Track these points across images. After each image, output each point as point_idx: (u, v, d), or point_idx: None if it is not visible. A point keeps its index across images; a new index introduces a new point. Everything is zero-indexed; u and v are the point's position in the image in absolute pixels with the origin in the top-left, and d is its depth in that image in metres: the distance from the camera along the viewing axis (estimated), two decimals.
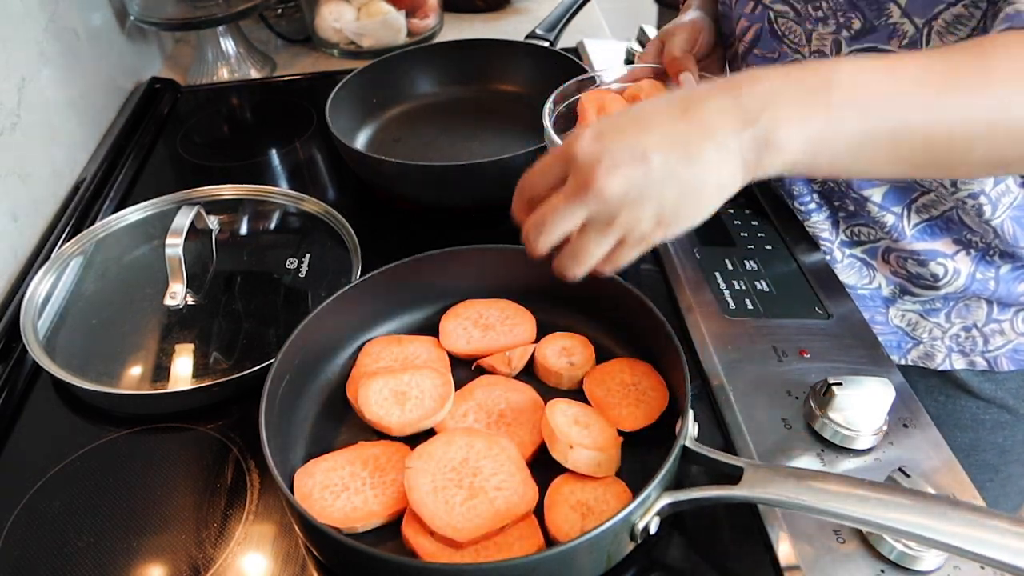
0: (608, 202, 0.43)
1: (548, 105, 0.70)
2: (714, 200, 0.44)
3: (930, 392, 0.74)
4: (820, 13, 0.63)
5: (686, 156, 0.42)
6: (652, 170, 0.42)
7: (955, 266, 0.67)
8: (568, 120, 0.72)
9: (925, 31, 0.56)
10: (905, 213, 0.66)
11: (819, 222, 0.72)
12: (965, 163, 0.47)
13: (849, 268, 0.72)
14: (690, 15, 0.76)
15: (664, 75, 0.73)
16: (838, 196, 0.70)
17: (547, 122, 0.68)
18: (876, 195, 0.66)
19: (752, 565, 0.50)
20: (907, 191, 0.66)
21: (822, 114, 0.43)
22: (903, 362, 0.74)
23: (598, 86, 0.74)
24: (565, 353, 0.62)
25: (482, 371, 0.63)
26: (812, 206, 0.72)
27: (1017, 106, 0.43)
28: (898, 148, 0.45)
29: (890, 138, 0.44)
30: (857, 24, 0.60)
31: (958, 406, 0.74)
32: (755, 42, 0.69)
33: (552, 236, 0.46)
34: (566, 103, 0.72)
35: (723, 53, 0.78)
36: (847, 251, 0.72)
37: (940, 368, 0.73)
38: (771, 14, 0.67)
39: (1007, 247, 0.65)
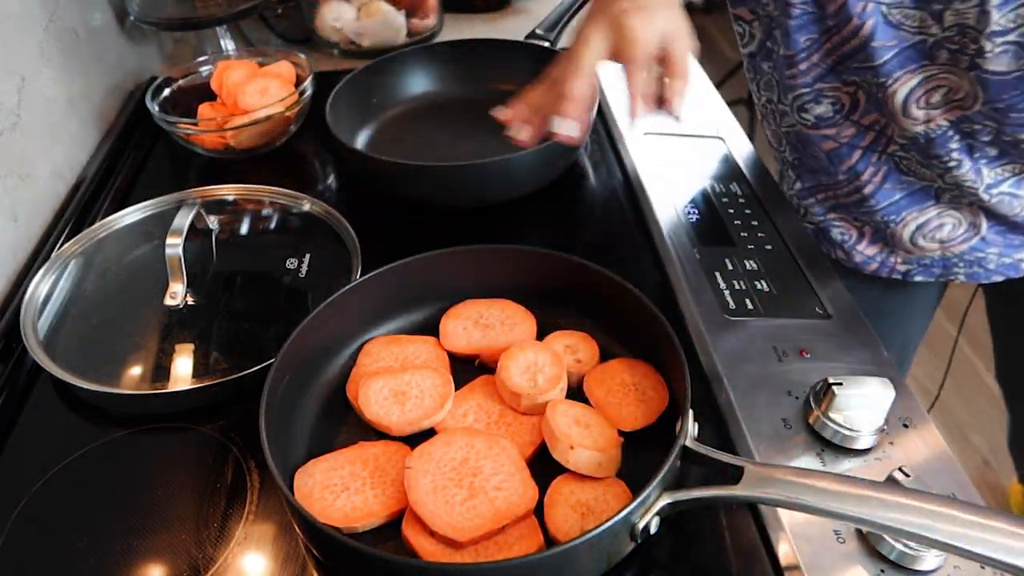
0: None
1: None
2: None
3: None
4: None
5: None
6: None
7: None
8: None
9: None
10: None
11: (964, 174, 0.73)
12: None
13: (999, 204, 0.74)
14: None
15: None
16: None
17: None
18: None
19: (752, 565, 0.50)
20: None
21: None
22: None
23: None
24: (569, 351, 0.62)
25: (483, 370, 0.63)
26: (952, 163, 0.73)
27: None
28: None
29: None
30: None
31: None
32: (871, 37, 0.71)
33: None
34: None
35: None
36: (994, 191, 0.73)
37: None
38: (883, 8, 0.68)
39: None
